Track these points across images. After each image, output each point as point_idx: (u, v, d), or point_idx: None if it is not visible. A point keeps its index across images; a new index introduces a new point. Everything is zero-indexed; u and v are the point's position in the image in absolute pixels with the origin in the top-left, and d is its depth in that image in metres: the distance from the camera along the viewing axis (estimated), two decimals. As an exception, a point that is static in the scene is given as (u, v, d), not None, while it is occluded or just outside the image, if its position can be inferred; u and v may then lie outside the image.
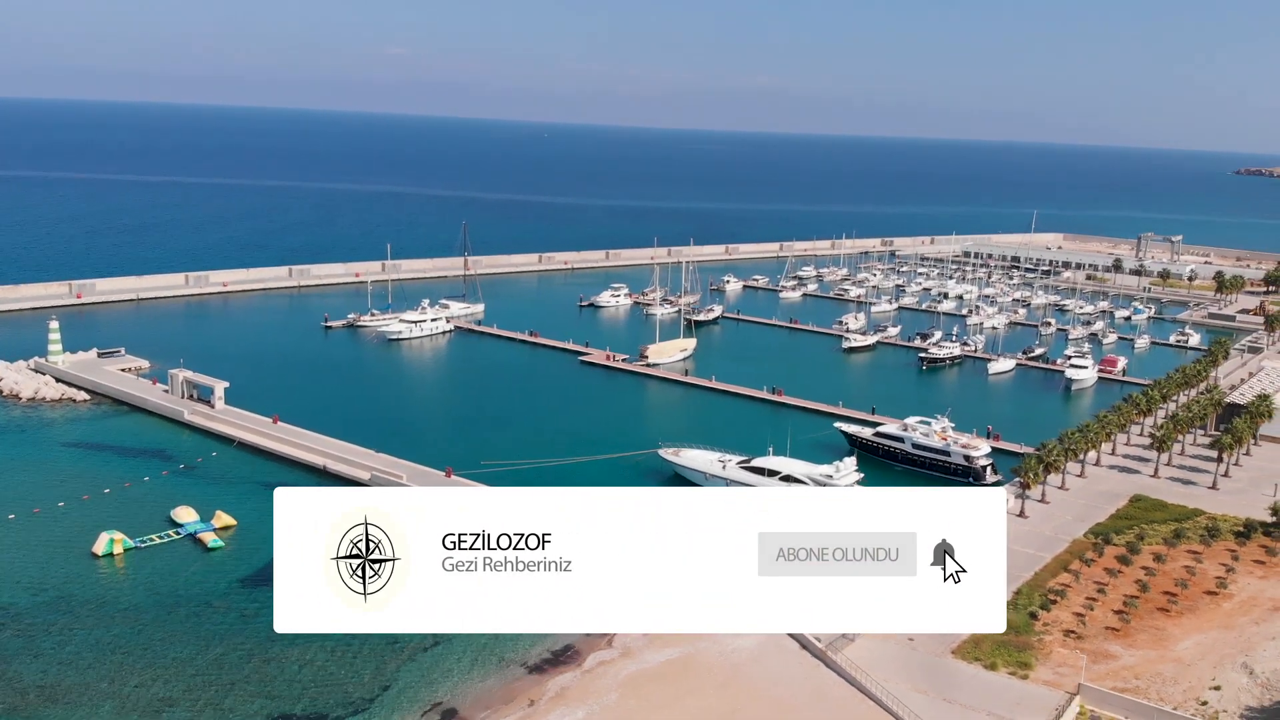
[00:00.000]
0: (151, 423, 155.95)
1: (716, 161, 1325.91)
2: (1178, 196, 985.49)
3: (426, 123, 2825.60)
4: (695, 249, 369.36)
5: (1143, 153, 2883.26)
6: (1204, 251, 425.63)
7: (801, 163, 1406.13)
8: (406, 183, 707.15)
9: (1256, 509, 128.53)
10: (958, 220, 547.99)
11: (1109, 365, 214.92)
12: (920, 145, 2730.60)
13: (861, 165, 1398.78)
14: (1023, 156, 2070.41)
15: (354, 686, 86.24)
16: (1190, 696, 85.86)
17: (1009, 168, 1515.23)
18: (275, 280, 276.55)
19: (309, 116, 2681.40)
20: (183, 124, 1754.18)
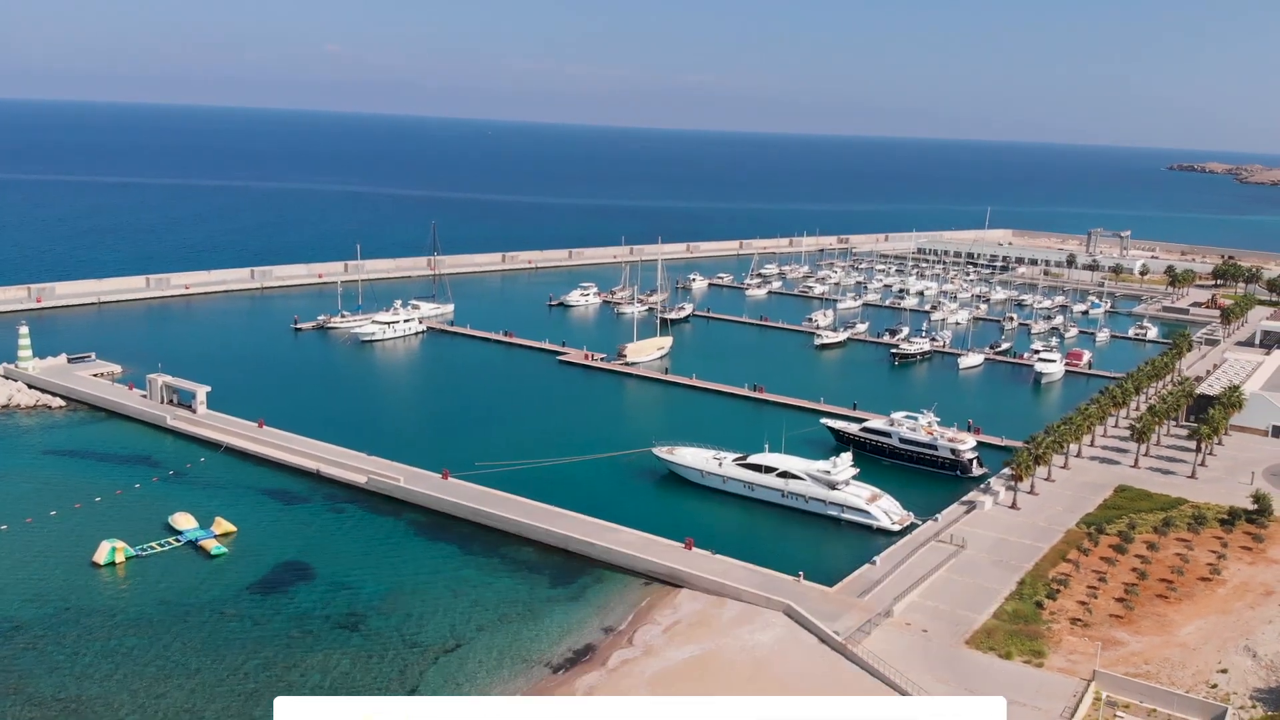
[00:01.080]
0: (132, 429, 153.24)
1: (664, 160, 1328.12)
2: (1118, 192, 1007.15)
3: (367, 120, 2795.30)
4: (657, 247, 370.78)
5: (1080, 149, 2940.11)
6: (1149, 246, 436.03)
7: (752, 161, 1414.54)
8: (360, 181, 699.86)
9: (1237, 497, 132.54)
10: (910, 218, 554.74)
11: (1075, 359, 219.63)
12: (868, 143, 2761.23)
13: (811, 164, 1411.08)
14: (966, 154, 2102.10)
15: (380, 691, 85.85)
16: (1199, 680, 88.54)
17: (954, 165, 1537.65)
18: (237, 282, 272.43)
19: (248, 114, 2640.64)
20: (120, 123, 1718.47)
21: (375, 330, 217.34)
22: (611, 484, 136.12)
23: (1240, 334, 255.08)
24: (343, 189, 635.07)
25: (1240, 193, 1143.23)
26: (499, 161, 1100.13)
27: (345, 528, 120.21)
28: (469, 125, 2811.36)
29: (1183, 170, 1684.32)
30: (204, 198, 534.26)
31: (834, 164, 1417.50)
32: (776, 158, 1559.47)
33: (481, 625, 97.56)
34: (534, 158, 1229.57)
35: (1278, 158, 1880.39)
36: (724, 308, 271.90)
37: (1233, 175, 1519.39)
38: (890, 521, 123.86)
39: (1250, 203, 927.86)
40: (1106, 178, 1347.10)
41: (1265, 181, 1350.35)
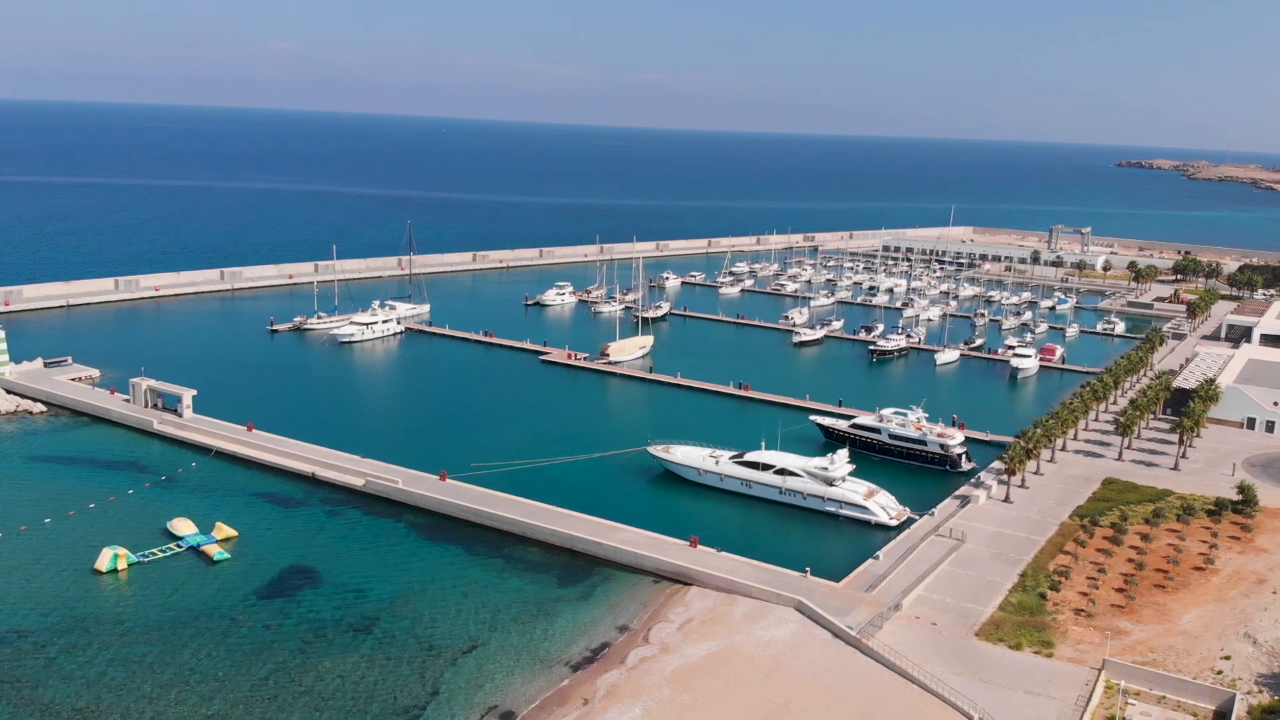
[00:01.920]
0: (117, 434, 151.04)
1: (623, 158, 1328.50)
2: (1071, 189, 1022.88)
3: (321, 118, 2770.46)
4: (629, 246, 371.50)
5: (1032, 147, 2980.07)
6: (1108, 242, 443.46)
7: (711, 160, 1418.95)
8: (321, 181, 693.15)
9: (1220, 488, 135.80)
10: (873, 215, 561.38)
11: (1048, 354, 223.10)
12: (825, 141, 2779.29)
13: (769, 162, 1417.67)
14: (923, 152, 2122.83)
15: (402, 694, 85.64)
16: (1204, 667, 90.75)
17: (912, 164, 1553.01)
18: (207, 283, 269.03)
19: (197, 113, 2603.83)
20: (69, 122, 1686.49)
21: (354, 331, 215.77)
22: (608, 483, 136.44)
23: (1205, 328, 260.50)
24: (306, 188, 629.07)
25: (1188, 189, 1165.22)
26: (459, 160, 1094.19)
27: (346, 531, 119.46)
28: (425, 123, 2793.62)
29: (1131, 167, 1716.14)
30: (166, 198, 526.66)
31: (793, 162, 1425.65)
32: (736, 156, 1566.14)
33: (495, 626, 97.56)
34: (493, 156, 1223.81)
35: (1223, 154, 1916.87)
36: (698, 306, 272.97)
37: (1180, 172, 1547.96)
38: (888, 517, 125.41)
39: (1198, 199, 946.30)
40: (1060, 175, 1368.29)
41: (1212, 178, 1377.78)
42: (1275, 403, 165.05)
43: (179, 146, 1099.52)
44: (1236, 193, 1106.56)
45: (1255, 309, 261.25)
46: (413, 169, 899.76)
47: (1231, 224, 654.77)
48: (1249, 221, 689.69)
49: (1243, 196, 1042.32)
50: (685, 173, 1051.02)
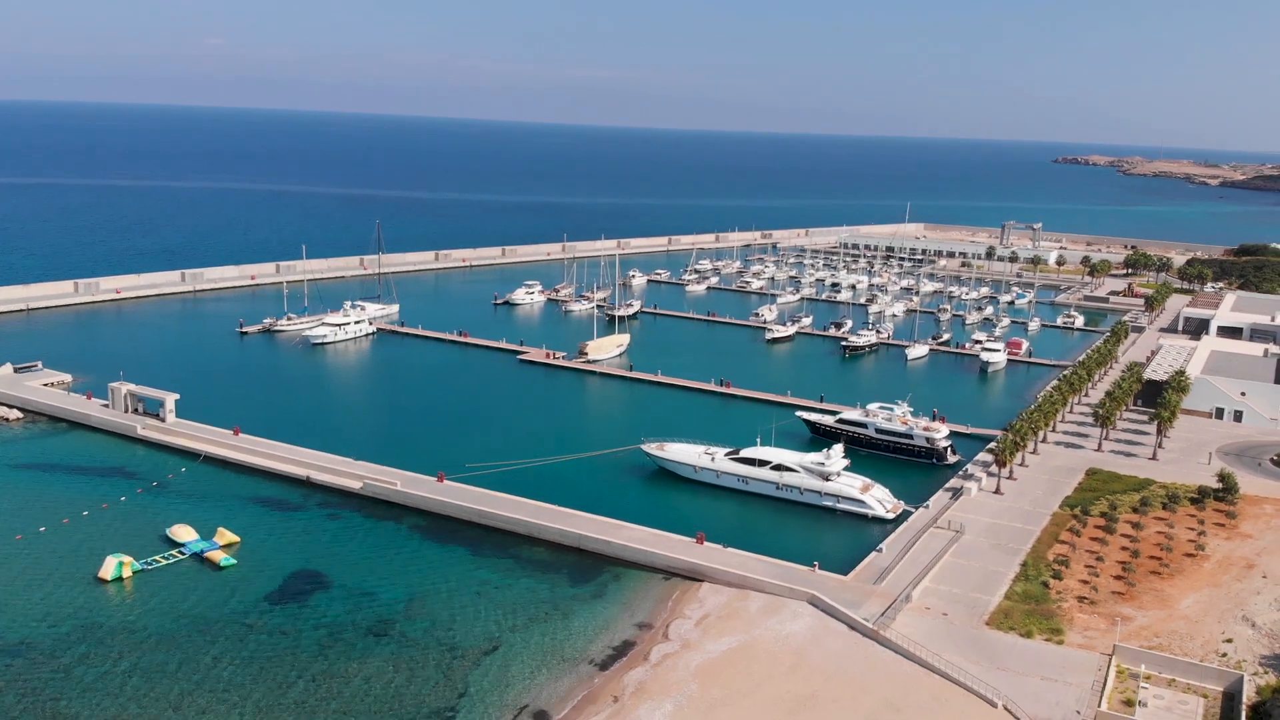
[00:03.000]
0: (99, 440, 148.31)
1: (573, 156, 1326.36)
2: (1014, 185, 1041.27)
3: (257, 115, 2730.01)
4: (589, 244, 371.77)
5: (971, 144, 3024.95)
6: (1057, 238, 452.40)
7: (660, 158, 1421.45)
8: (273, 180, 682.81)
9: (1199, 476, 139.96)
10: (828, 212, 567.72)
11: (1014, 347, 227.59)
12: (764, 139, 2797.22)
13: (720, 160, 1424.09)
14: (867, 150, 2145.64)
15: (430, 696, 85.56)
16: (1208, 650, 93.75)
17: (860, 161, 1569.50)
18: (169, 285, 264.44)
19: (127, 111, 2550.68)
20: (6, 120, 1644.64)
21: (327, 332, 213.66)
22: (604, 482, 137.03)
23: (1161, 321, 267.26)
24: (258, 188, 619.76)
25: (1125, 184, 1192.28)
26: (407, 157, 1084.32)
27: (348, 534, 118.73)
28: (367, 120, 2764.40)
29: (1068, 163, 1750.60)
30: (119, 199, 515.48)
31: (748, 161, 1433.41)
32: (687, 155, 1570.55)
33: (514, 626, 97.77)
34: (441, 154, 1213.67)
35: (1155, 150, 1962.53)
36: (666, 304, 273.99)
37: (1115, 167, 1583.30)
38: (884, 510, 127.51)
39: (1137, 194, 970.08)
40: (1000, 171, 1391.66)
41: (1146, 173, 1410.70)
42: (1242, 393, 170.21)
43: (124, 146, 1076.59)
44: (1172, 187, 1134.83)
45: (1209, 302, 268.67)
46: (363, 167, 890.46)
47: (1172, 218, 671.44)
48: (1188, 216, 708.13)
49: (1178, 191, 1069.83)
50: (637, 171, 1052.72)
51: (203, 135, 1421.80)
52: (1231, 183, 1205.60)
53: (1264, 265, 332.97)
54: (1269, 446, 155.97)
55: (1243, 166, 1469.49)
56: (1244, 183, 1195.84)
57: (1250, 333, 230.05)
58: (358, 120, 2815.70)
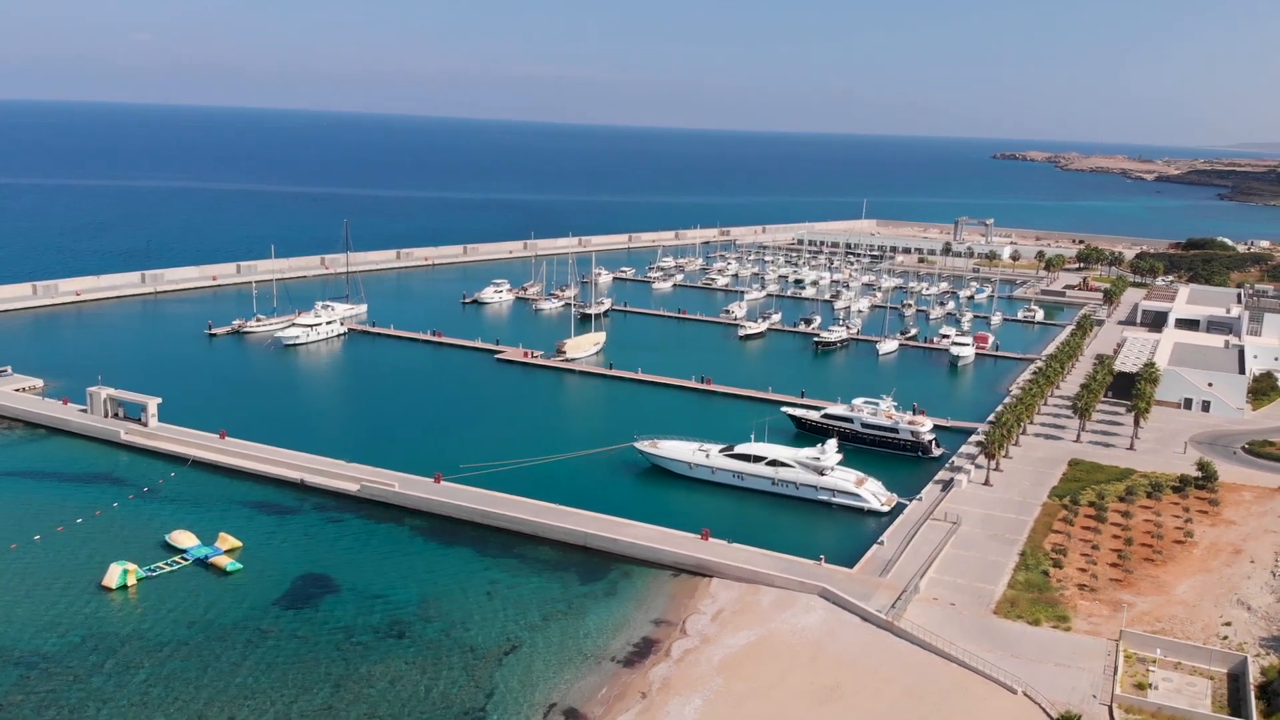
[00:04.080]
0: (80, 446, 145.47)
1: (521, 153, 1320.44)
2: (957, 181, 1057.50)
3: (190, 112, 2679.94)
4: (550, 241, 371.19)
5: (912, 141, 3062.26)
6: (1007, 233, 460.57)
7: (605, 155, 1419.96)
8: (220, 178, 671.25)
9: (1177, 465, 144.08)
10: (783, 209, 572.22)
11: (981, 341, 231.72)
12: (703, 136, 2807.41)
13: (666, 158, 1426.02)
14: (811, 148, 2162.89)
15: (457, 697, 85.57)
16: (1209, 633, 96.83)
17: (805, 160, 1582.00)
18: (129, 287, 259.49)
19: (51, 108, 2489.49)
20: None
21: (299, 333, 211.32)
22: (599, 480, 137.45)
23: (1119, 314, 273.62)
24: (206, 186, 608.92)
25: (1062, 179, 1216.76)
26: (353, 153, 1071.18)
27: (349, 536, 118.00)
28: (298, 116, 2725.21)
29: (1006, 159, 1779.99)
30: (69, 198, 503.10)
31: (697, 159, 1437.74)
32: (635, 152, 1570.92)
33: (530, 625, 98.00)
34: (388, 150, 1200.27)
35: (1092, 145, 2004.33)
36: (633, 301, 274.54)
37: (1052, 163, 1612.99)
38: (879, 503, 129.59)
39: (1077, 188, 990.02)
40: (944, 168, 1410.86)
41: (1084, 169, 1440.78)
42: (1209, 384, 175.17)
43: (63, 144, 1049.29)
44: (1109, 182, 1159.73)
45: (1164, 295, 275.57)
46: (309, 164, 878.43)
47: (1114, 213, 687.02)
48: (1129, 210, 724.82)
49: (1115, 186, 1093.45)
50: (588, 167, 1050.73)
51: (145, 133, 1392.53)
52: (1166, 177, 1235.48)
53: (1212, 259, 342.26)
54: (1239, 435, 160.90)
55: (1175, 161, 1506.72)
56: (1178, 177, 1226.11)
57: (1207, 325, 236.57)
58: (293, 116, 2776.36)
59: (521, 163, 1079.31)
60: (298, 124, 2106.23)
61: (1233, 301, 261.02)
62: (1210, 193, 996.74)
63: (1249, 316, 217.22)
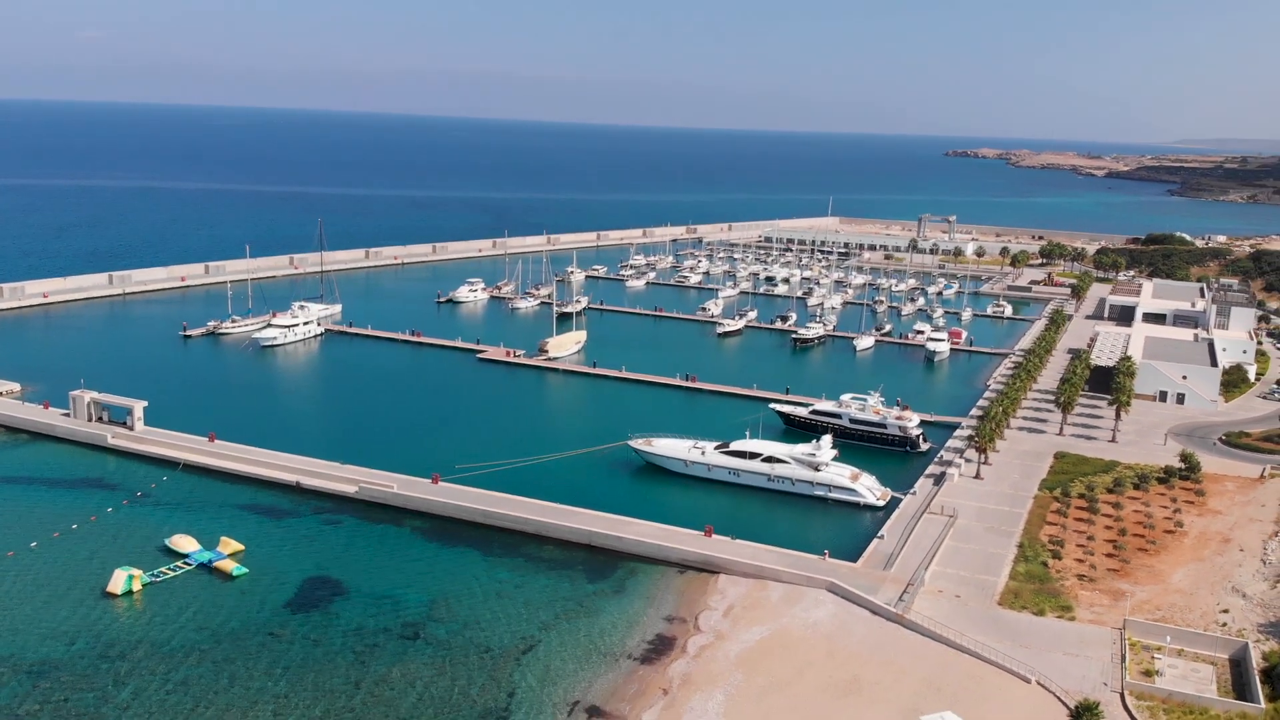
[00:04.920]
0: (65, 451, 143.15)
1: (479, 150, 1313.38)
2: (912, 178, 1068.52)
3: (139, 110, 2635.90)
4: (520, 239, 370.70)
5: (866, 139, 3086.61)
6: (967, 229, 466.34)
7: (562, 152, 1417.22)
8: (179, 177, 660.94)
9: (1159, 456, 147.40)
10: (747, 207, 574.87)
11: (955, 337, 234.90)
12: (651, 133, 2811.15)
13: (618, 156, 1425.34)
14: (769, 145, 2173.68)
15: (479, 697, 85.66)
16: (1208, 620, 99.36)
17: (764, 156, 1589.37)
18: (97, 288, 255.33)
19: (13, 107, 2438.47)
20: None
21: (276, 334, 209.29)
22: (595, 478, 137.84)
23: (1086, 308, 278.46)
24: (165, 185, 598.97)
25: (1015, 175, 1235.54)
26: (311, 151, 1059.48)
27: (352, 538, 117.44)
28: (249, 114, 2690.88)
29: (959, 156, 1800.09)
30: (25, 198, 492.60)
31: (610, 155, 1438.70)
32: (592, 150, 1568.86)
33: (544, 624, 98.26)
34: (342, 147, 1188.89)
35: (1042, 143, 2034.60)
36: (607, 300, 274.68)
37: (1004, 160, 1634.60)
38: (874, 498, 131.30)
39: (1028, 184, 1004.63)
40: (899, 165, 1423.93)
41: (1035, 165, 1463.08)
42: (1184, 376, 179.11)
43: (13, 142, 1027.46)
44: (1061, 178, 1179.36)
45: (1129, 290, 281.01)
46: (266, 162, 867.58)
47: (1071, 209, 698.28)
48: (1085, 206, 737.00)
49: (1067, 182, 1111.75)
50: (548, 164, 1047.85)
51: (96, 132, 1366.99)
52: (1116, 173, 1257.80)
53: (1172, 254, 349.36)
54: (1215, 427, 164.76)
55: (1124, 158, 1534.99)
56: (1128, 173, 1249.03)
57: (1173, 318, 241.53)
58: (246, 114, 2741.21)
59: (480, 160, 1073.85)
60: (249, 121, 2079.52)
61: (1196, 295, 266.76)
62: (1160, 189, 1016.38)
63: (1216, 310, 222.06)
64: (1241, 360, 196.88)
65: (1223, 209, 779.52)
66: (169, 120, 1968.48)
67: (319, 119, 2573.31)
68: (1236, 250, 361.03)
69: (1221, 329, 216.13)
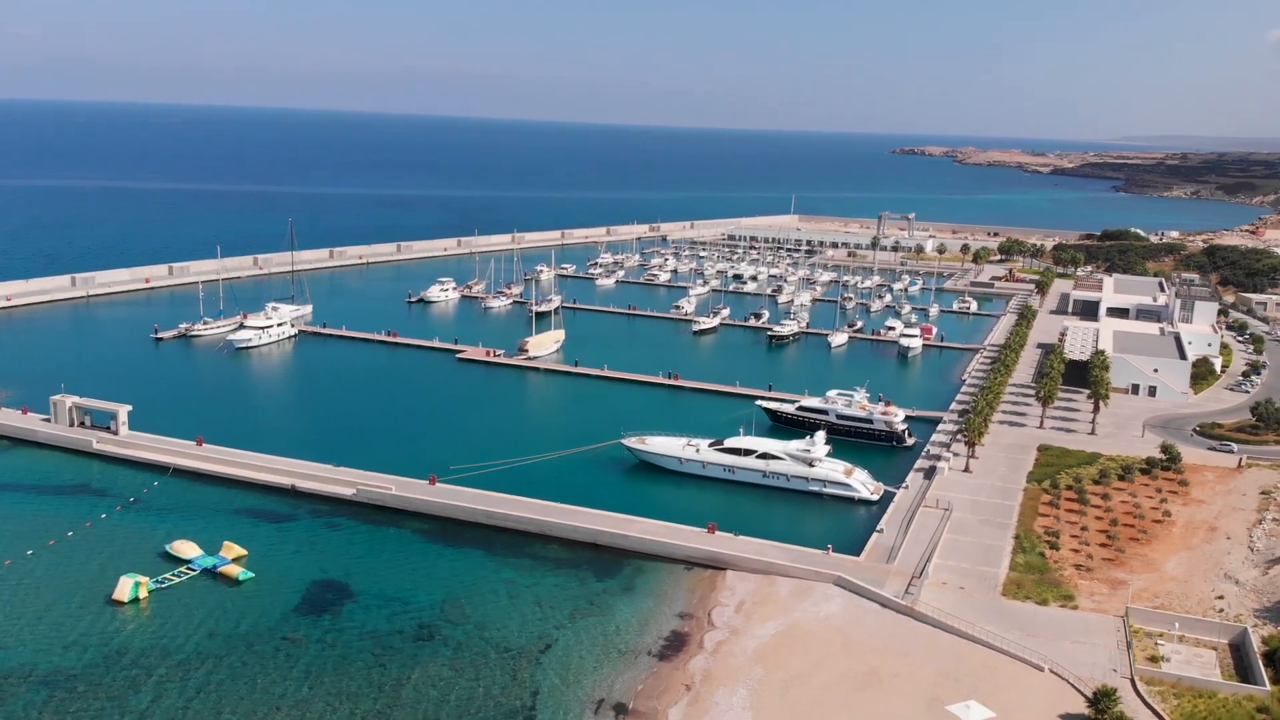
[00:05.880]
0: (49, 457, 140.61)
1: (419, 147, 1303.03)
2: (863, 175, 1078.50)
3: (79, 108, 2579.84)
4: (485, 238, 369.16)
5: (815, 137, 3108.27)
6: (924, 226, 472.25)
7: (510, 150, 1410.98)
8: (124, 176, 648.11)
9: (1138, 448, 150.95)
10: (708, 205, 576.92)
11: (926, 333, 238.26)
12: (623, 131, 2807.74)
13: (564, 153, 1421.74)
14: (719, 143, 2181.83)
15: (503, 697, 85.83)
16: (1205, 607, 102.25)
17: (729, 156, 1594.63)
18: (59, 291, 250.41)
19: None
20: None
21: (251, 336, 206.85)
22: (590, 477, 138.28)
23: (1049, 304, 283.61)
24: (112, 184, 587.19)
25: (962, 173, 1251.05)
26: (256, 150, 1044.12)
27: (353, 541, 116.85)
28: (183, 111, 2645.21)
29: (905, 154, 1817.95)
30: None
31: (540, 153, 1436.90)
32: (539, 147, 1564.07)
33: (558, 623, 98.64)
34: (286, 145, 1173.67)
35: (987, 140, 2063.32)
36: (579, 298, 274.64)
37: (950, 157, 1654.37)
38: (867, 492, 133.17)
39: (976, 182, 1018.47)
40: (848, 163, 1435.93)
41: (981, 163, 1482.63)
42: (1155, 369, 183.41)
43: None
44: (1008, 175, 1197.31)
45: (1091, 285, 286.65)
46: (213, 160, 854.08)
47: (1020, 205, 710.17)
48: (1034, 203, 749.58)
49: (1014, 179, 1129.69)
50: (496, 162, 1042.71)
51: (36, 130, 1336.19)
52: (1062, 170, 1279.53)
53: (1128, 249, 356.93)
54: (1189, 419, 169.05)
55: (1068, 155, 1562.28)
56: (1073, 170, 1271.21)
57: (1136, 313, 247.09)
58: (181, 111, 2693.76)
59: (436, 159, 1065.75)
60: (187, 119, 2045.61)
61: (1156, 290, 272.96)
62: (1105, 185, 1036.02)
63: (1180, 305, 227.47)
64: (1207, 353, 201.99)
65: (1168, 205, 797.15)
66: (110, 119, 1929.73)
67: (260, 117, 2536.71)
68: (1190, 245, 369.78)
69: (1186, 323, 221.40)
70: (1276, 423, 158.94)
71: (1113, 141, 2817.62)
